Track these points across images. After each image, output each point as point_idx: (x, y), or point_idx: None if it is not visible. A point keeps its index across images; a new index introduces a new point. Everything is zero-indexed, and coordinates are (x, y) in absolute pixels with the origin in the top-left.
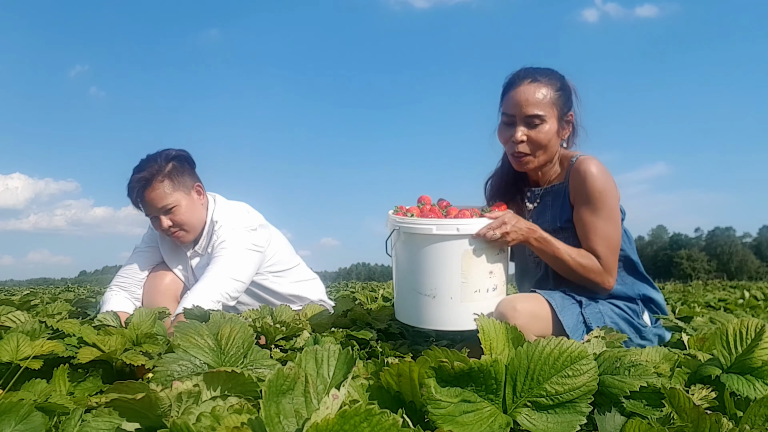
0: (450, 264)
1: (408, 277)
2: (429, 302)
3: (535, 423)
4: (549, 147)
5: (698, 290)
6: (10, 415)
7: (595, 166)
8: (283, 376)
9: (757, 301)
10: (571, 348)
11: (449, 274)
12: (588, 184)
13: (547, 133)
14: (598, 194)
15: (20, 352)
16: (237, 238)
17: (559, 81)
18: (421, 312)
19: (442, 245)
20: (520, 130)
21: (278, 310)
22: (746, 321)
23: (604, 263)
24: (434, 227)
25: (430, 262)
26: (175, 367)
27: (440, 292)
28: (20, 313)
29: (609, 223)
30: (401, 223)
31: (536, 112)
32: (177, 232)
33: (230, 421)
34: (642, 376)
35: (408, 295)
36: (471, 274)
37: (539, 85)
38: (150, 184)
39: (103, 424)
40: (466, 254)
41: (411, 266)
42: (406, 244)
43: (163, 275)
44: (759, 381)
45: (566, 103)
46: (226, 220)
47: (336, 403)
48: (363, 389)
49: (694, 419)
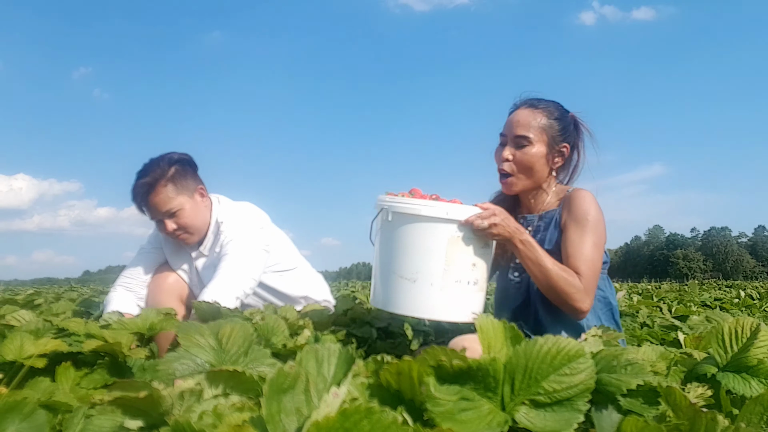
0: (434, 248)
1: (390, 258)
2: (408, 287)
3: (533, 421)
4: (534, 171)
5: (694, 289)
6: (14, 413)
7: (590, 196)
8: (284, 375)
9: (752, 300)
10: (569, 347)
11: (433, 258)
12: (582, 208)
13: (533, 156)
14: (589, 219)
15: (24, 351)
16: (246, 236)
17: (557, 111)
18: (398, 297)
19: (429, 227)
20: (508, 149)
21: (282, 310)
22: (742, 320)
23: (584, 282)
24: (423, 208)
25: (415, 243)
26: (177, 365)
27: (421, 276)
28: (24, 312)
29: (595, 249)
30: (390, 203)
31: (524, 134)
32: (182, 234)
33: (232, 419)
34: (639, 375)
35: (387, 278)
36: (454, 261)
37: (535, 111)
38: (153, 188)
39: (106, 422)
40: (452, 240)
41: (394, 247)
42: (391, 225)
43: (167, 275)
44: (754, 379)
45: (561, 134)
46: (232, 220)
47: (336, 402)
48: (363, 387)
49: (690, 417)
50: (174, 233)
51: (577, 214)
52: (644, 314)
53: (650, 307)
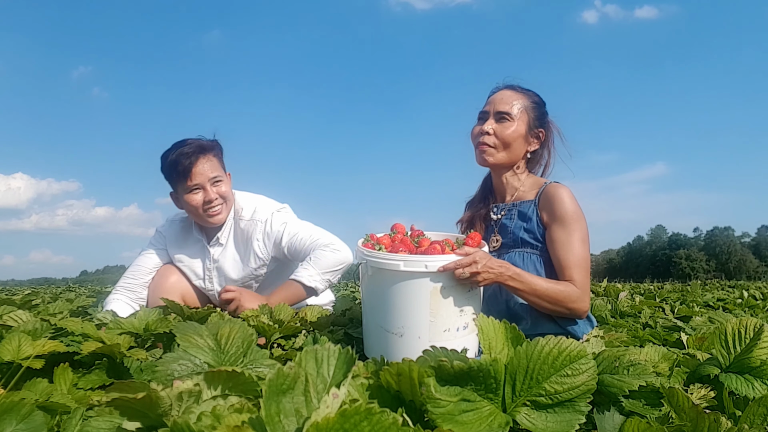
0: (418, 302)
1: (375, 313)
2: (396, 341)
3: (535, 422)
4: (513, 148)
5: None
6: (12, 415)
7: (566, 192)
8: (283, 376)
9: (755, 300)
10: (571, 347)
11: (417, 312)
12: (562, 207)
13: (513, 133)
14: (572, 217)
15: (22, 352)
16: (286, 217)
17: (536, 97)
18: (388, 350)
19: (410, 282)
20: (489, 122)
21: (277, 309)
22: (745, 320)
23: (580, 286)
24: (401, 263)
25: (398, 299)
26: (175, 366)
27: (408, 330)
28: (22, 313)
29: (582, 245)
30: (369, 257)
31: (507, 110)
32: (218, 206)
33: (231, 420)
34: (641, 376)
35: (375, 331)
36: (440, 312)
37: (516, 92)
38: (205, 153)
39: (104, 423)
40: (434, 291)
41: (378, 302)
42: (373, 279)
43: (168, 274)
44: (757, 380)
45: (539, 118)
46: (256, 205)
47: (336, 402)
48: (363, 388)
49: (692, 418)
50: (212, 203)
51: (559, 214)
52: (647, 315)
53: (653, 307)
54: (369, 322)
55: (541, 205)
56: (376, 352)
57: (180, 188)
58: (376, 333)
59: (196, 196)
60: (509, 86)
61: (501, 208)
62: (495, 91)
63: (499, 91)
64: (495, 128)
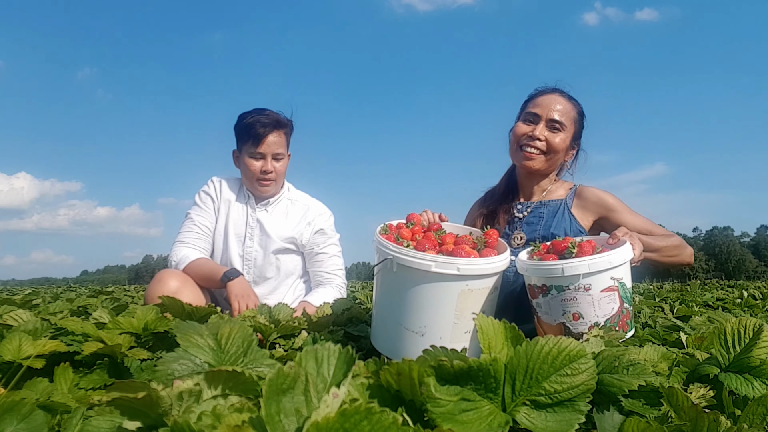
0: (445, 303)
1: (396, 311)
2: (416, 339)
3: (534, 421)
4: (556, 157)
5: (696, 289)
6: (12, 414)
7: (597, 188)
8: (284, 375)
9: (755, 300)
10: (570, 347)
11: (443, 313)
12: (608, 199)
13: (562, 142)
14: (617, 202)
15: (22, 351)
16: (330, 222)
17: (580, 107)
18: (406, 348)
19: (440, 284)
20: (540, 128)
21: (276, 309)
22: (744, 320)
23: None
24: (433, 264)
25: (424, 298)
26: (175, 366)
27: (430, 330)
28: (22, 312)
29: (642, 216)
30: (396, 253)
31: (561, 120)
32: (270, 180)
33: (231, 419)
34: (640, 375)
35: (394, 329)
36: (464, 314)
37: (568, 100)
38: (282, 127)
39: (105, 423)
40: (462, 294)
41: (401, 301)
42: (397, 276)
43: (167, 279)
44: (757, 380)
45: (580, 130)
46: (325, 214)
47: (336, 402)
48: (363, 388)
49: (692, 418)
50: (266, 175)
51: (610, 205)
52: (646, 314)
53: (652, 307)
54: (387, 318)
55: (578, 205)
56: (389, 348)
57: (245, 150)
58: (394, 330)
59: (256, 162)
60: (559, 91)
61: (526, 206)
62: (542, 93)
63: (549, 94)
64: (547, 136)
